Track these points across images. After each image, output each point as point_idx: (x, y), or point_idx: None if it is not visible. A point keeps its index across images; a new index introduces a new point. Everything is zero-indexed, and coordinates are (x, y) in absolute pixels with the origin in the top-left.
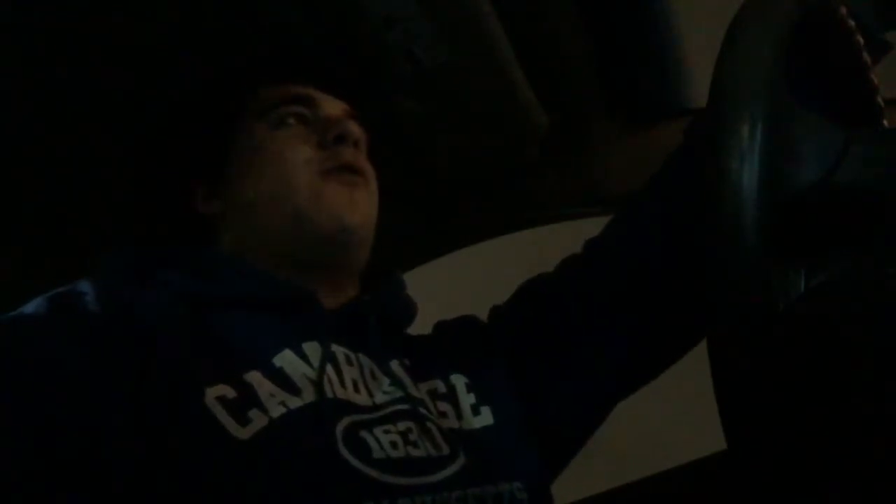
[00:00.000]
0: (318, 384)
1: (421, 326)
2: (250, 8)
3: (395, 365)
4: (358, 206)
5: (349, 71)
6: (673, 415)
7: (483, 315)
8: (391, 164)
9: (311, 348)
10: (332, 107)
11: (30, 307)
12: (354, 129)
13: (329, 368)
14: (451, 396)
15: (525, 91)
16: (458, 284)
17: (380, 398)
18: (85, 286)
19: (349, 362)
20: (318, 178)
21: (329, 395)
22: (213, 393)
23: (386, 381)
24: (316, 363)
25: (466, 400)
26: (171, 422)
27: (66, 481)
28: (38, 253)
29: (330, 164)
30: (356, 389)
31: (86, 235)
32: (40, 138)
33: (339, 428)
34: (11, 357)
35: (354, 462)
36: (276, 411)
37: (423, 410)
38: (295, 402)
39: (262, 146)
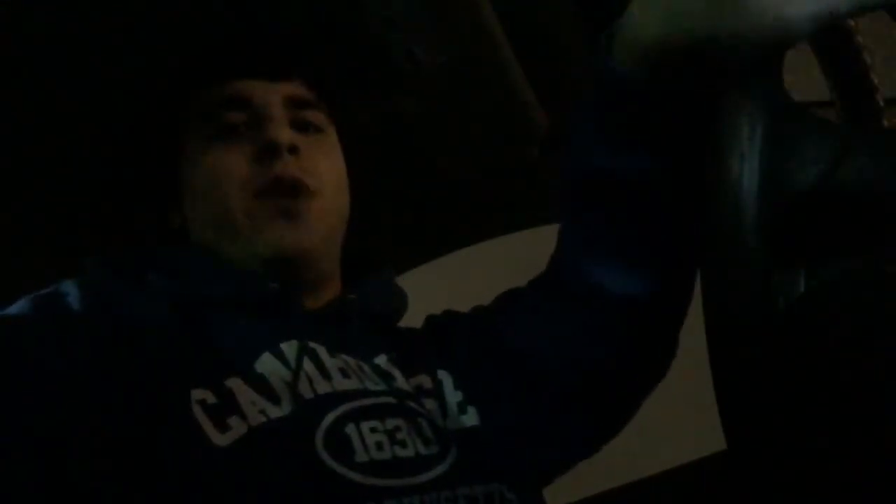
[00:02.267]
0: (297, 387)
1: (418, 326)
2: (248, 8)
3: (382, 360)
4: (300, 229)
5: (284, 47)
6: (672, 415)
7: None
8: (392, 165)
9: (290, 347)
10: (268, 101)
11: (13, 308)
12: (282, 134)
13: (308, 364)
14: (437, 393)
15: (525, 91)
16: (457, 284)
17: (370, 385)
18: (68, 286)
19: (332, 357)
20: (253, 200)
21: (309, 395)
22: (195, 396)
23: (375, 375)
24: (294, 362)
25: (453, 398)
26: (153, 423)
27: (46, 480)
28: (33, 256)
29: (262, 181)
30: (344, 375)
31: (80, 237)
32: (23, 142)
33: (322, 429)
34: None
35: (337, 467)
36: (256, 420)
37: (412, 405)
38: (275, 412)
39: (201, 161)
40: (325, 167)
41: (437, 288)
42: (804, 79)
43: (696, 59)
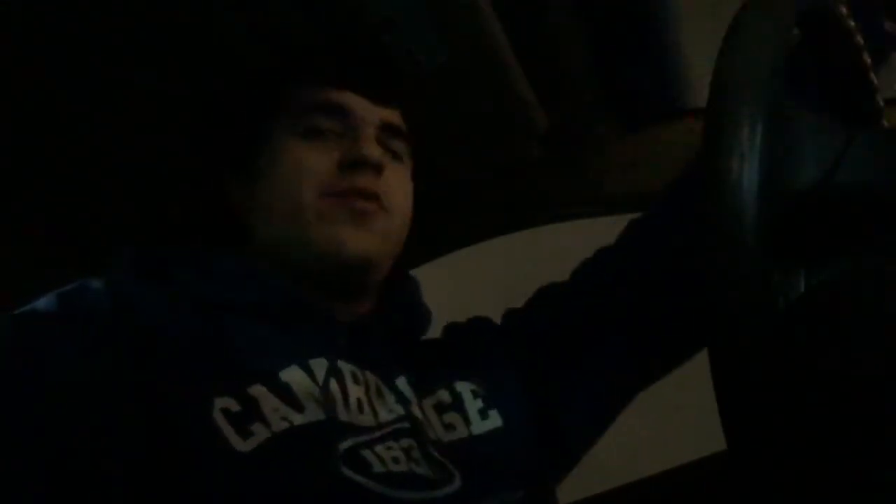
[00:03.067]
0: (322, 403)
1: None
2: (253, 8)
3: (401, 382)
4: (364, 235)
5: (393, 76)
6: (672, 415)
7: (488, 310)
8: None
9: (318, 365)
10: (367, 119)
11: (41, 303)
12: (375, 153)
13: (334, 386)
14: (458, 405)
15: (525, 91)
16: (457, 284)
17: (384, 416)
18: (96, 283)
19: (356, 380)
20: (326, 199)
21: (331, 413)
22: (218, 404)
23: (392, 398)
24: (321, 381)
25: (473, 406)
26: (174, 428)
27: (67, 482)
28: (50, 249)
29: (341, 187)
30: (360, 409)
31: (97, 231)
32: (60, 131)
33: (342, 447)
34: (21, 353)
35: (356, 477)
36: (279, 426)
37: (424, 429)
38: (298, 419)
39: (284, 152)
40: (399, 194)
41: (437, 288)
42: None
43: None
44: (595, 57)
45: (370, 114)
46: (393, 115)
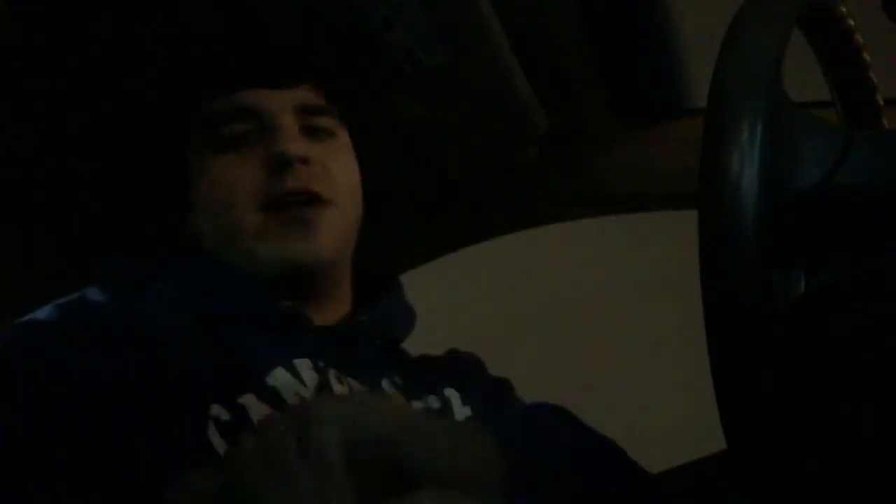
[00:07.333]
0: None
1: (419, 327)
2: (250, 10)
3: (386, 385)
4: (313, 238)
5: (291, 56)
6: (672, 415)
7: (488, 309)
8: (391, 165)
9: (303, 365)
10: (279, 110)
11: (41, 313)
12: (292, 146)
13: (318, 384)
14: (446, 412)
15: (525, 91)
16: (458, 284)
17: None
18: (94, 294)
19: (339, 382)
20: (264, 214)
21: None
22: (211, 414)
23: None
24: (307, 381)
25: (461, 413)
26: (168, 438)
27: (63, 486)
28: (34, 258)
29: (274, 194)
30: None
31: (81, 239)
32: (34, 146)
33: None
34: (23, 359)
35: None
36: None
37: None
38: None
39: (208, 174)
40: (337, 173)
41: (437, 288)
42: (804, 79)
43: None
44: (595, 57)
45: (277, 103)
46: (304, 94)
